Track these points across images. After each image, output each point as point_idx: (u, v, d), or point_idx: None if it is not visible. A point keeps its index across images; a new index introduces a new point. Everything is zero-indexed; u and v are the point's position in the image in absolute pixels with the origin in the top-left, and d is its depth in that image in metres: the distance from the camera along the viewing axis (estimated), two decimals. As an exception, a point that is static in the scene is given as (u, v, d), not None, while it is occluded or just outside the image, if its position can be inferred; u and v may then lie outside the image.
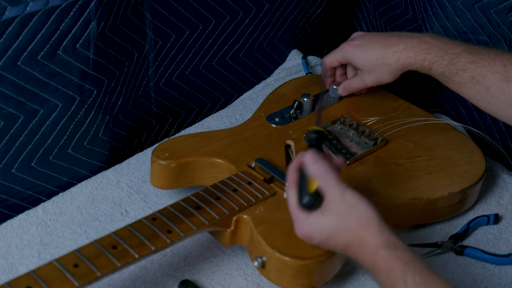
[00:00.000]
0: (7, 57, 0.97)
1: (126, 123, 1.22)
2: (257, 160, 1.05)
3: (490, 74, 1.02)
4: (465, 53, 1.04)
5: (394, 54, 1.09)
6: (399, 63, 1.09)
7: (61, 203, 1.10)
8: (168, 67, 1.25)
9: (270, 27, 1.36)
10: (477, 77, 1.03)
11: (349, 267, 1.01)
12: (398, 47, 1.09)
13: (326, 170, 0.86)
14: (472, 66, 1.03)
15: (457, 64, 1.04)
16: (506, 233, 1.10)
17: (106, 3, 1.04)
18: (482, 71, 1.02)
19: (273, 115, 1.17)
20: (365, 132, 1.15)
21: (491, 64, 1.02)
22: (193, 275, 1.00)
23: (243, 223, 0.97)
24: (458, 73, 1.04)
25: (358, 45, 1.13)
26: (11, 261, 1.01)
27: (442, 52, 1.05)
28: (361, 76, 1.16)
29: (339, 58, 1.16)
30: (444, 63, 1.05)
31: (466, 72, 1.03)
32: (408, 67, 1.09)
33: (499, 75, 1.01)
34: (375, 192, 1.04)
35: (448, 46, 1.06)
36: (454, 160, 1.12)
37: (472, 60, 1.03)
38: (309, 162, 0.87)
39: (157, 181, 1.07)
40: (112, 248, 0.87)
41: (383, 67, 1.11)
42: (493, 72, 1.02)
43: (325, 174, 0.86)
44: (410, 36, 1.09)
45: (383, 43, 1.10)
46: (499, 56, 1.02)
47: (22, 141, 1.06)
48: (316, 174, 0.86)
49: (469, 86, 1.04)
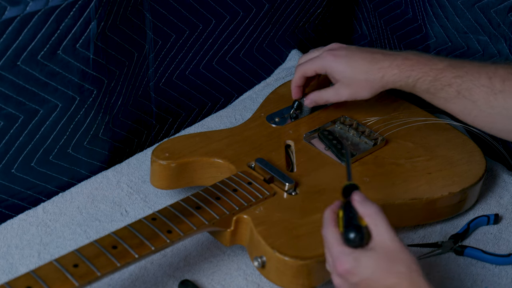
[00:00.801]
0: (7, 57, 0.97)
1: (126, 123, 1.22)
2: (257, 160, 1.05)
3: (476, 88, 1.00)
4: (450, 68, 1.02)
5: (379, 71, 1.06)
6: (383, 80, 1.06)
7: (61, 203, 1.10)
8: (168, 67, 1.25)
9: (270, 27, 1.36)
10: (463, 92, 1.01)
11: (349, 267, 1.01)
12: (383, 64, 1.06)
13: (376, 210, 0.84)
14: (457, 80, 1.01)
15: (442, 79, 1.02)
16: (506, 233, 1.10)
17: (106, 3, 1.04)
18: (468, 85, 1.01)
19: (273, 115, 1.17)
20: (365, 132, 1.15)
21: (476, 77, 1.00)
22: (193, 275, 1.00)
23: (243, 223, 0.97)
24: (444, 89, 1.02)
25: (341, 56, 1.09)
26: (11, 261, 1.01)
27: (427, 68, 1.03)
28: (337, 89, 1.10)
29: (317, 67, 1.11)
30: (429, 79, 1.03)
31: (451, 87, 1.02)
32: (391, 84, 1.06)
33: (485, 88, 1.00)
34: (375, 192, 1.04)
35: (432, 62, 1.04)
36: (454, 160, 1.12)
37: (457, 74, 1.02)
38: (357, 201, 0.85)
39: (157, 181, 1.07)
40: (112, 248, 0.86)
41: (365, 83, 1.07)
42: (479, 85, 1.00)
43: (375, 214, 0.84)
44: (394, 54, 1.07)
45: (368, 58, 1.07)
46: (483, 68, 1.01)
47: (22, 141, 1.06)
48: (365, 214, 0.84)
49: (454, 101, 1.02)
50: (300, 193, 1.02)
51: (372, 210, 0.84)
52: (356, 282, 0.82)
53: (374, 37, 1.46)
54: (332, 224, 0.86)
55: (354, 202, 0.85)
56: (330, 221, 0.86)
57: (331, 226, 0.85)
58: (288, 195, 1.02)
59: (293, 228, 0.96)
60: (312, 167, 1.07)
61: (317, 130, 1.15)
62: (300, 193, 1.02)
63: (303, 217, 0.98)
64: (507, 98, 0.99)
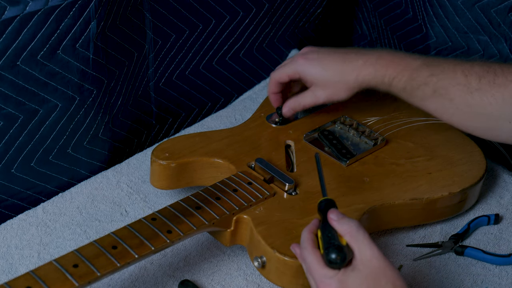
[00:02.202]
0: (7, 57, 0.97)
1: (126, 123, 1.22)
2: (257, 160, 1.05)
3: (452, 86, 0.99)
4: (424, 66, 1.01)
5: (353, 70, 1.05)
6: (358, 80, 1.05)
7: (60, 203, 1.10)
8: (168, 67, 1.25)
9: (270, 27, 1.36)
10: (440, 90, 1.00)
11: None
12: (357, 63, 1.05)
13: (355, 227, 0.82)
14: (433, 79, 1.00)
15: (417, 78, 1.01)
16: (507, 233, 1.10)
17: (106, 3, 1.04)
18: (444, 83, 0.99)
19: (273, 115, 1.17)
20: (365, 132, 1.15)
21: (451, 76, 0.99)
22: (193, 275, 1.00)
23: (243, 223, 0.97)
24: (420, 88, 1.01)
25: (313, 59, 1.08)
26: (11, 261, 1.00)
27: (401, 67, 1.02)
28: (313, 91, 1.09)
29: (290, 72, 1.09)
30: (404, 78, 1.02)
31: (427, 86, 1.00)
32: (367, 83, 1.05)
33: (461, 87, 0.98)
34: (375, 192, 1.04)
35: (406, 61, 1.02)
36: (454, 160, 1.11)
37: (432, 73, 1.00)
38: (335, 220, 0.84)
39: (157, 181, 1.07)
40: (112, 248, 0.86)
41: (340, 84, 1.06)
42: (454, 84, 0.99)
43: (355, 231, 0.82)
44: (368, 52, 1.06)
45: (341, 58, 1.06)
46: (459, 66, 0.99)
47: (22, 141, 1.05)
48: (345, 232, 0.82)
49: (431, 100, 1.01)
50: (300, 193, 1.02)
51: (351, 228, 0.82)
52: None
53: (374, 37, 1.46)
54: (311, 245, 0.84)
55: (331, 221, 0.84)
56: (309, 243, 0.84)
57: (311, 247, 0.83)
58: (288, 195, 1.01)
59: (293, 228, 0.96)
60: (312, 167, 1.07)
61: (317, 130, 1.15)
62: (300, 193, 1.02)
63: (303, 217, 0.97)
64: (483, 96, 0.97)
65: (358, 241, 0.81)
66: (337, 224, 0.83)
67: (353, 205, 1.00)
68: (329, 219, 0.84)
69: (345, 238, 0.82)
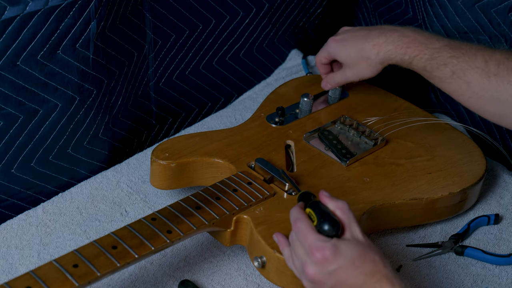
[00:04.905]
0: (7, 57, 0.97)
1: (126, 123, 1.22)
2: (257, 160, 1.05)
3: (470, 69, 1.00)
4: (446, 48, 1.03)
5: (374, 47, 1.08)
6: (379, 57, 1.08)
7: (60, 203, 1.10)
8: (168, 67, 1.25)
9: (270, 27, 1.36)
10: (458, 72, 1.01)
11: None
12: (378, 40, 1.08)
13: (347, 205, 0.86)
14: (453, 61, 1.02)
15: (438, 58, 1.03)
16: (507, 233, 1.10)
17: (106, 3, 1.04)
18: (463, 66, 1.01)
19: (273, 115, 1.17)
20: (365, 132, 1.15)
21: (472, 59, 1.01)
22: (193, 275, 1.00)
23: (243, 223, 0.97)
24: (439, 68, 1.03)
25: (340, 40, 1.13)
26: (11, 261, 1.00)
27: (423, 47, 1.04)
28: (344, 70, 1.14)
29: (325, 54, 1.16)
30: (425, 57, 1.04)
31: (447, 67, 1.02)
32: (388, 60, 1.08)
33: (479, 70, 1.00)
34: (375, 192, 1.04)
35: (429, 41, 1.05)
36: (454, 160, 1.12)
37: (453, 55, 1.02)
38: (327, 196, 0.87)
39: (157, 181, 1.07)
40: (112, 248, 0.86)
41: (363, 61, 1.10)
42: (473, 67, 1.00)
43: (347, 209, 0.86)
44: (392, 29, 1.08)
45: (364, 36, 1.10)
46: (480, 51, 1.01)
47: (22, 141, 1.05)
48: (337, 207, 0.86)
49: (449, 81, 1.03)
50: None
51: (344, 204, 0.86)
52: (333, 269, 0.82)
53: (374, 37, 1.46)
54: (304, 216, 0.87)
55: (323, 197, 0.87)
56: (302, 214, 0.87)
57: (305, 218, 0.86)
58: (288, 195, 1.01)
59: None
60: (312, 167, 1.07)
61: (317, 130, 1.15)
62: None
63: (303, 217, 0.97)
64: (499, 82, 0.99)
65: (349, 217, 0.85)
66: (329, 200, 0.87)
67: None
68: (320, 196, 0.88)
69: (337, 213, 0.86)
